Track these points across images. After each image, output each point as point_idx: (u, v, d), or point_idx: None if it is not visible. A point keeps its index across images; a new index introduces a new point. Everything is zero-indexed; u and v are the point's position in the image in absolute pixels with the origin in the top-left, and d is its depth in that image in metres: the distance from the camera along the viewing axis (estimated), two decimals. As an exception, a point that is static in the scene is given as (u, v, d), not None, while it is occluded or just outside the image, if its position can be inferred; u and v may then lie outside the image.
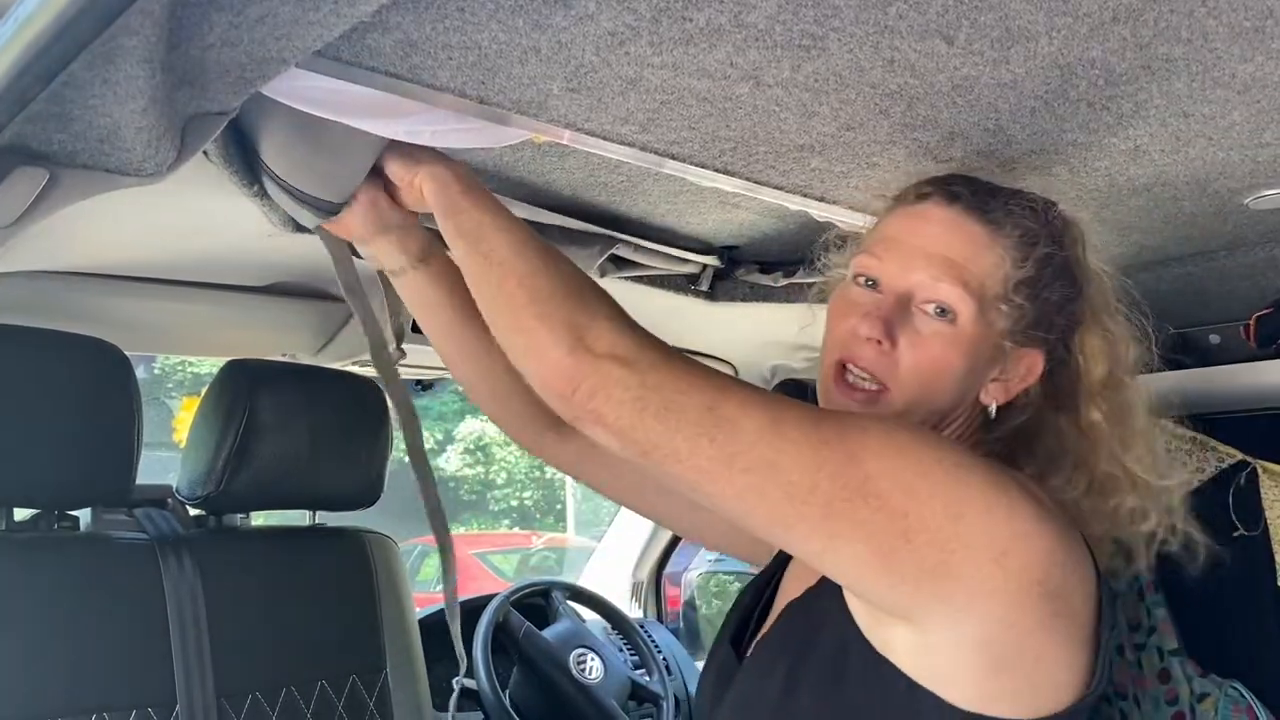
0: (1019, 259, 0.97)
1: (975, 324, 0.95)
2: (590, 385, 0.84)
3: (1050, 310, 0.98)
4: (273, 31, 0.78)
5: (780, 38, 0.90)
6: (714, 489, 0.82)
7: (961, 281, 0.95)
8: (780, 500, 0.80)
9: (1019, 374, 0.98)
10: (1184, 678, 1.96)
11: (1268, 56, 0.93)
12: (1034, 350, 0.98)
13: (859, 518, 0.79)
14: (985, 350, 0.96)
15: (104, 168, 0.88)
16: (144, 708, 1.46)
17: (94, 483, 1.49)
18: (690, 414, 0.81)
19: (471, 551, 10.19)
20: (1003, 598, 0.80)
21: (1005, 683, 0.83)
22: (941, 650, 0.83)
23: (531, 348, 0.89)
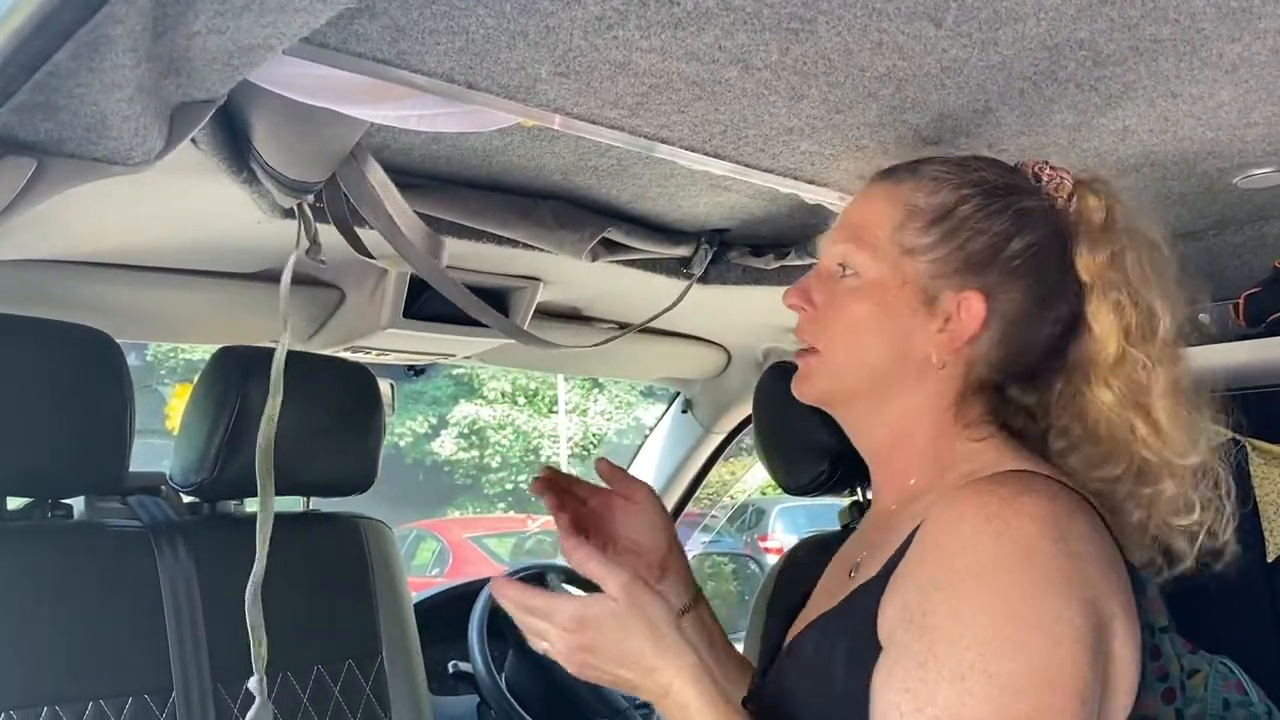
0: (923, 206, 0.97)
1: (877, 272, 0.97)
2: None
3: (982, 251, 0.95)
4: (259, 18, 0.77)
5: (768, 20, 0.90)
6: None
7: (854, 237, 0.99)
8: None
9: (960, 320, 0.96)
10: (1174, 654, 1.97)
11: (1255, 36, 0.93)
12: (970, 293, 0.95)
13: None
14: (902, 295, 0.96)
15: (91, 156, 0.88)
16: (140, 695, 1.46)
17: (87, 470, 1.49)
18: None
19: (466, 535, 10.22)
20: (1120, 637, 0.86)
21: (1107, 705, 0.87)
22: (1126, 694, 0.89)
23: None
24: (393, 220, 1.26)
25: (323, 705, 1.64)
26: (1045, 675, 0.79)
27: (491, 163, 1.32)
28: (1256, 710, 1.92)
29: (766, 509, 10.61)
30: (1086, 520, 0.88)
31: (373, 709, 1.70)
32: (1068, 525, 0.85)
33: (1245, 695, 1.93)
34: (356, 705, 1.69)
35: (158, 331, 2.18)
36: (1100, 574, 0.86)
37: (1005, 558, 0.83)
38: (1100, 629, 0.83)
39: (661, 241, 1.60)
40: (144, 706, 1.46)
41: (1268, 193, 1.35)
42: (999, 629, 0.80)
